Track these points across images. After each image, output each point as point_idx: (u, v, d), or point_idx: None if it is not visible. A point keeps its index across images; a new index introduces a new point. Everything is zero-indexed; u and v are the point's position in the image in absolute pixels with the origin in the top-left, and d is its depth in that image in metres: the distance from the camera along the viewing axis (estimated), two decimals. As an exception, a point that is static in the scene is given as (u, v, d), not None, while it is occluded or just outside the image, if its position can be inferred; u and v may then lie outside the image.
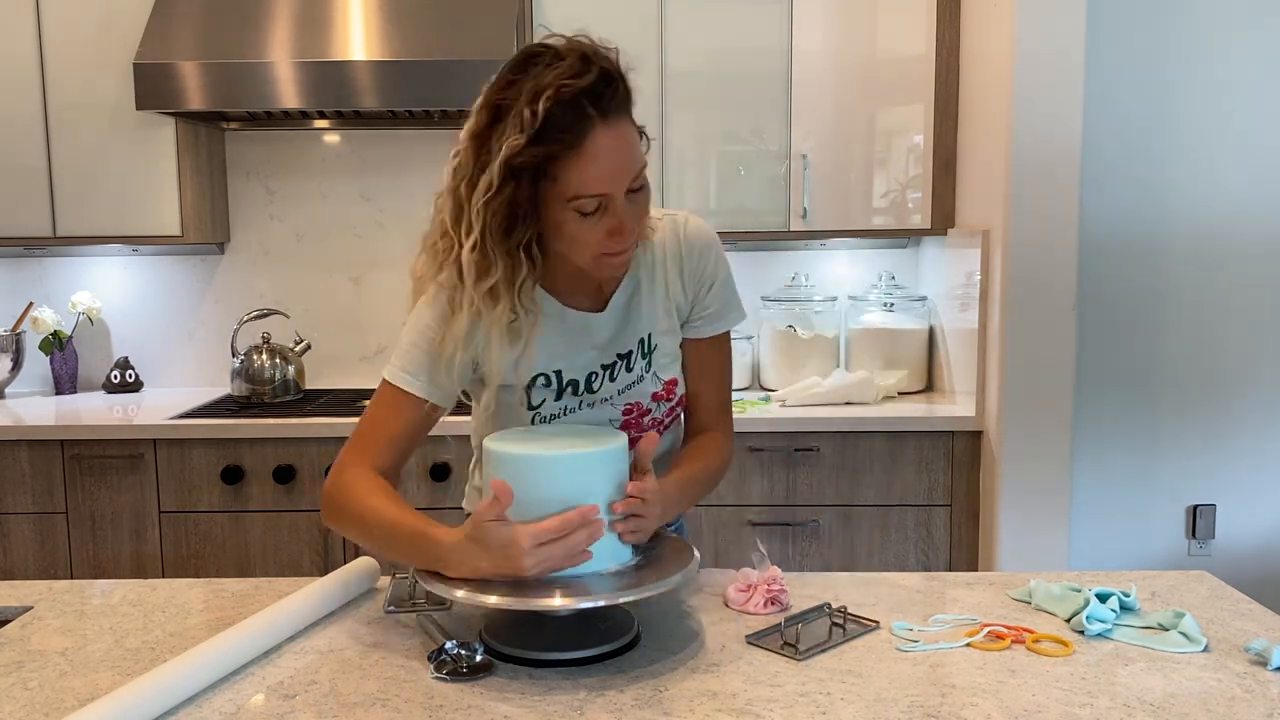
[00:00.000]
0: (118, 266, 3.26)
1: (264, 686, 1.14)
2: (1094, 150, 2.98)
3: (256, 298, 3.24)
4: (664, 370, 1.40)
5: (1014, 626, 1.27)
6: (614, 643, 1.21)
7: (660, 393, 1.40)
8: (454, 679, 1.14)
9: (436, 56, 2.66)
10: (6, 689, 1.14)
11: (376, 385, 1.39)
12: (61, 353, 3.19)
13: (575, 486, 1.17)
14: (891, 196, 2.95)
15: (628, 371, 1.38)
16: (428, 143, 3.20)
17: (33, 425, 2.72)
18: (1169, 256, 3.11)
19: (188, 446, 2.69)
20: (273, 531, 2.71)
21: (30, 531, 2.72)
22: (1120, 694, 1.10)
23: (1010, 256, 2.57)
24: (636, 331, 1.38)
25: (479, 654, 1.17)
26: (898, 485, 2.72)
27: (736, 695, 1.10)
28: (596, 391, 1.37)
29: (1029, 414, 2.60)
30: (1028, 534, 2.62)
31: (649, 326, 1.38)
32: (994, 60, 2.64)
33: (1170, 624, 1.26)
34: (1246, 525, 3.19)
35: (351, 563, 1.43)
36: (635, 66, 1.27)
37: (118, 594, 1.43)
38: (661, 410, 1.41)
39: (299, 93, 2.66)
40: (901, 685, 1.12)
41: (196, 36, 2.73)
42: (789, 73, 2.88)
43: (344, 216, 3.24)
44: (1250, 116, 3.07)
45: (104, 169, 2.91)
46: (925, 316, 3.10)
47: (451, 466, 2.69)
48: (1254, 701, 1.08)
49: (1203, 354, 3.14)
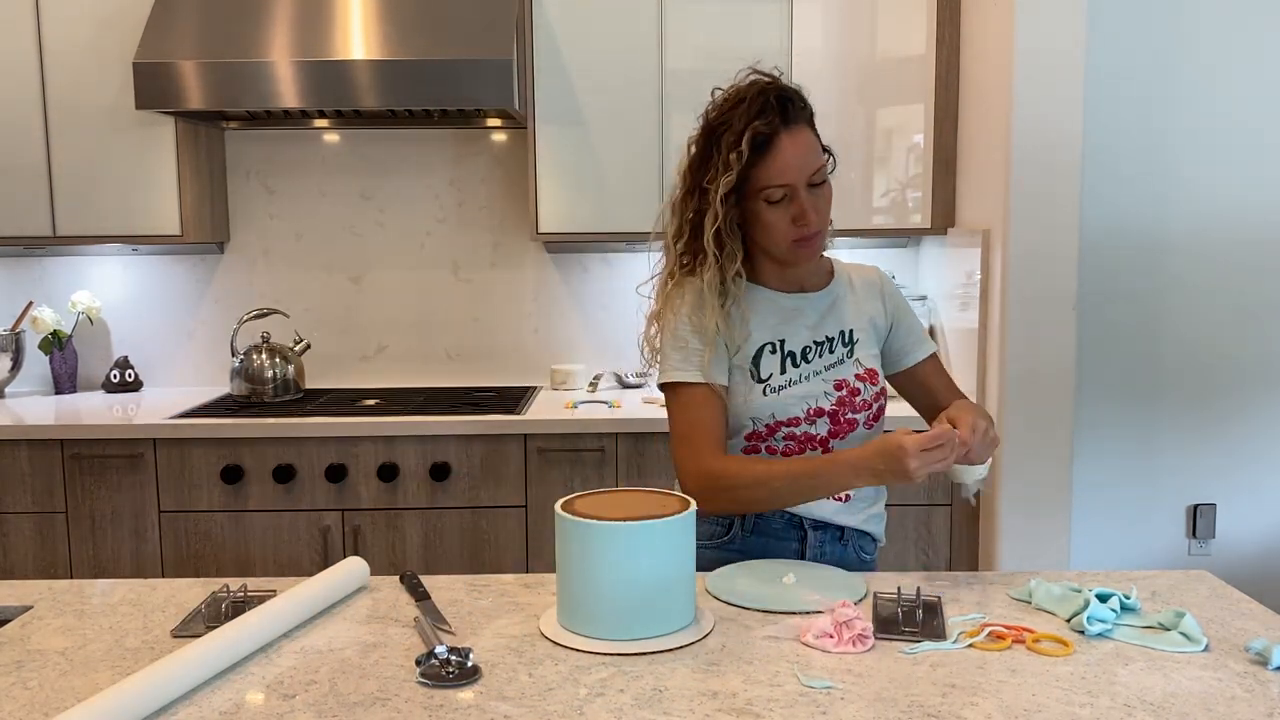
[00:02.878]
0: (117, 266, 3.26)
1: (263, 686, 1.14)
2: (1094, 150, 2.98)
3: (256, 297, 3.24)
4: (865, 360, 1.63)
5: (1014, 626, 1.27)
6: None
7: (863, 374, 1.62)
8: (437, 684, 1.13)
9: (436, 56, 2.65)
10: (6, 689, 1.14)
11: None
12: (61, 352, 3.19)
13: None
14: (891, 196, 2.95)
15: (831, 353, 1.61)
16: (428, 143, 3.20)
17: (32, 425, 2.72)
18: (1169, 256, 3.11)
19: (187, 446, 2.69)
20: (272, 531, 2.71)
21: (30, 531, 2.72)
22: (1120, 694, 1.10)
23: (1010, 256, 2.57)
24: (839, 324, 1.63)
25: (469, 660, 1.16)
26: (897, 484, 2.71)
27: (736, 695, 1.10)
28: (811, 363, 1.60)
29: (1029, 414, 2.59)
30: (1028, 534, 2.62)
31: (850, 323, 1.64)
32: (994, 60, 2.64)
33: (1170, 624, 1.26)
34: (1246, 525, 3.19)
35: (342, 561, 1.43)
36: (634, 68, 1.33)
37: (118, 594, 1.43)
38: (869, 393, 1.62)
39: (299, 92, 2.66)
40: (901, 685, 1.12)
41: (196, 36, 2.73)
42: (789, 73, 2.88)
43: (344, 216, 3.24)
44: (1250, 116, 3.07)
45: (104, 169, 2.91)
46: (925, 316, 3.09)
47: (451, 466, 2.69)
48: (1254, 701, 1.08)
49: (1203, 354, 3.14)
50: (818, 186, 1.53)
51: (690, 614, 1.28)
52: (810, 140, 1.53)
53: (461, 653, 1.16)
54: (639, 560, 1.22)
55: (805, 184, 1.51)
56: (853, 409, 1.60)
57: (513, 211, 3.23)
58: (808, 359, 1.60)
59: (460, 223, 3.24)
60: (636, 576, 1.22)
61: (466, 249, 3.25)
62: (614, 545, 1.22)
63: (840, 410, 1.59)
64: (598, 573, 1.22)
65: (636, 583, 1.22)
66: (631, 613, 1.22)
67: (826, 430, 1.58)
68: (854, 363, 1.62)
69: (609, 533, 1.22)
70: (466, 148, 3.21)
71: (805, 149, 1.51)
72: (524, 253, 3.24)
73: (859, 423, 1.61)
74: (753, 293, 1.60)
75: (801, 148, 1.50)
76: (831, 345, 1.61)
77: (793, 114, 1.50)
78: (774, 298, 1.61)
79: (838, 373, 1.60)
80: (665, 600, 1.24)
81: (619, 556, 1.22)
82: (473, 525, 2.71)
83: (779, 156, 1.49)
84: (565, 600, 1.26)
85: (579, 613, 1.24)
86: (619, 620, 1.22)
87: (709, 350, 1.54)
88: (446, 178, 3.22)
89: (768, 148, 1.48)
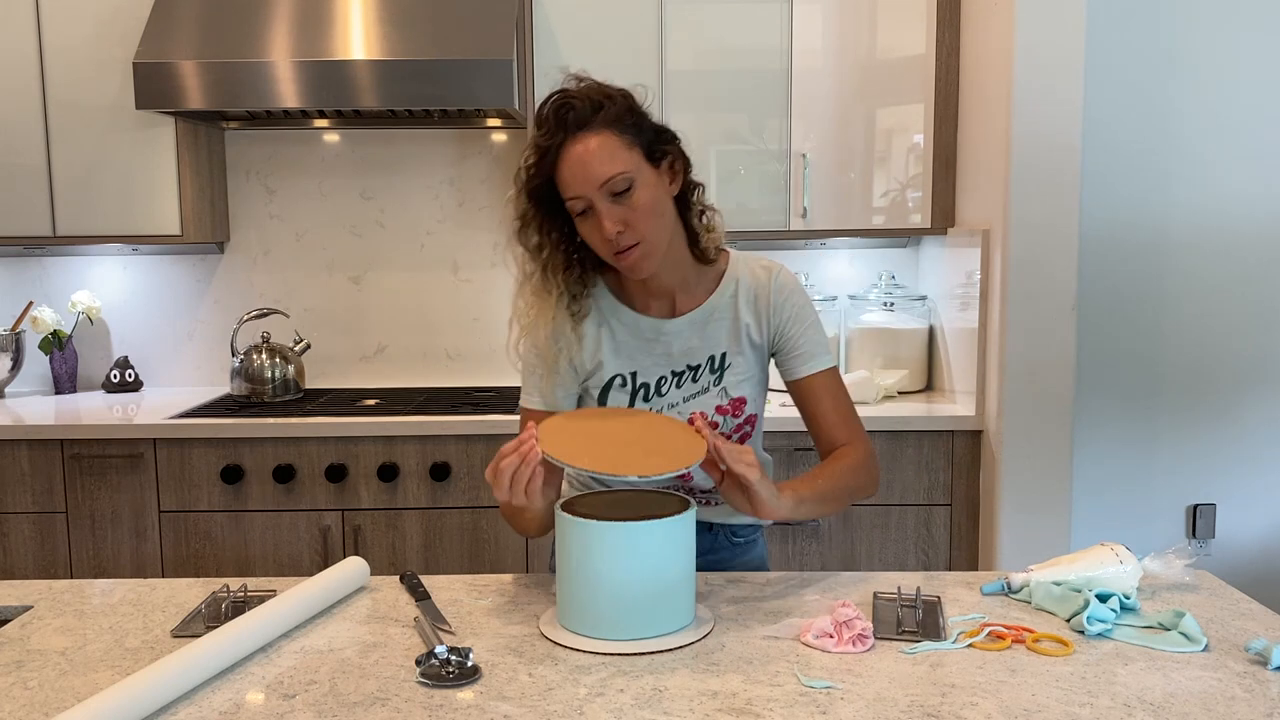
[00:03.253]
0: (117, 266, 3.26)
1: (264, 686, 1.14)
2: (1094, 150, 2.98)
3: (256, 297, 3.24)
4: (734, 388, 1.52)
5: (1014, 626, 1.27)
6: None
7: (725, 407, 1.51)
8: (437, 684, 1.13)
9: (436, 56, 2.65)
10: (6, 688, 1.14)
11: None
12: (61, 352, 3.19)
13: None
14: (891, 196, 2.95)
15: (694, 382, 1.51)
16: (428, 143, 3.20)
17: (32, 425, 2.72)
18: (1169, 256, 3.11)
19: (187, 446, 2.69)
20: (272, 531, 2.71)
21: (30, 531, 2.72)
22: (1120, 694, 1.10)
23: (1010, 256, 2.57)
24: (709, 348, 1.52)
25: (469, 660, 1.16)
26: (898, 485, 2.72)
27: (736, 695, 1.10)
28: (666, 395, 1.51)
29: (1029, 414, 2.60)
30: (1028, 533, 2.62)
31: (725, 345, 1.52)
32: (994, 60, 2.64)
33: (1170, 624, 1.26)
34: (1246, 525, 3.19)
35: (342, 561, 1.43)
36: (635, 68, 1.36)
37: (118, 594, 1.43)
38: (728, 426, 1.52)
39: (299, 92, 2.66)
40: (901, 685, 1.12)
41: (196, 36, 2.73)
42: (789, 72, 2.88)
43: (344, 216, 3.24)
44: (1250, 116, 3.07)
45: (104, 168, 2.91)
46: (925, 316, 3.10)
47: (451, 466, 2.69)
48: (1254, 701, 1.08)
49: (1203, 354, 3.14)
50: (622, 195, 1.37)
51: (690, 614, 1.28)
52: (602, 146, 1.36)
53: (461, 653, 1.16)
54: (638, 560, 1.22)
55: (604, 194, 1.36)
56: None
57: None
58: (661, 392, 1.51)
59: (460, 223, 3.24)
60: (636, 576, 1.22)
61: (466, 249, 3.25)
62: (614, 545, 1.22)
63: None
64: (598, 573, 1.23)
65: (636, 583, 1.22)
66: (631, 612, 1.23)
67: None
68: (719, 392, 1.51)
69: (609, 533, 1.22)
70: (466, 148, 3.21)
71: (590, 157, 1.36)
72: (524, 253, 3.23)
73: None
74: (617, 314, 1.51)
75: (584, 156, 1.36)
76: (696, 373, 1.51)
77: (574, 121, 1.37)
78: (634, 321, 1.51)
79: (697, 404, 1.50)
80: (665, 600, 1.24)
81: (618, 556, 1.22)
82: (473, 525, 2.71)
83: (562, 168, 1.37)
84: (565, 600, 1.27)
85: (578, 613, 1.25)
86: (618, 620, 1.23)
87: (549, 375, 1.49)
88: (446, 178, 3.22)
89: (555, 159, 1.38)
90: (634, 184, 1.38)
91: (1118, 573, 1.36)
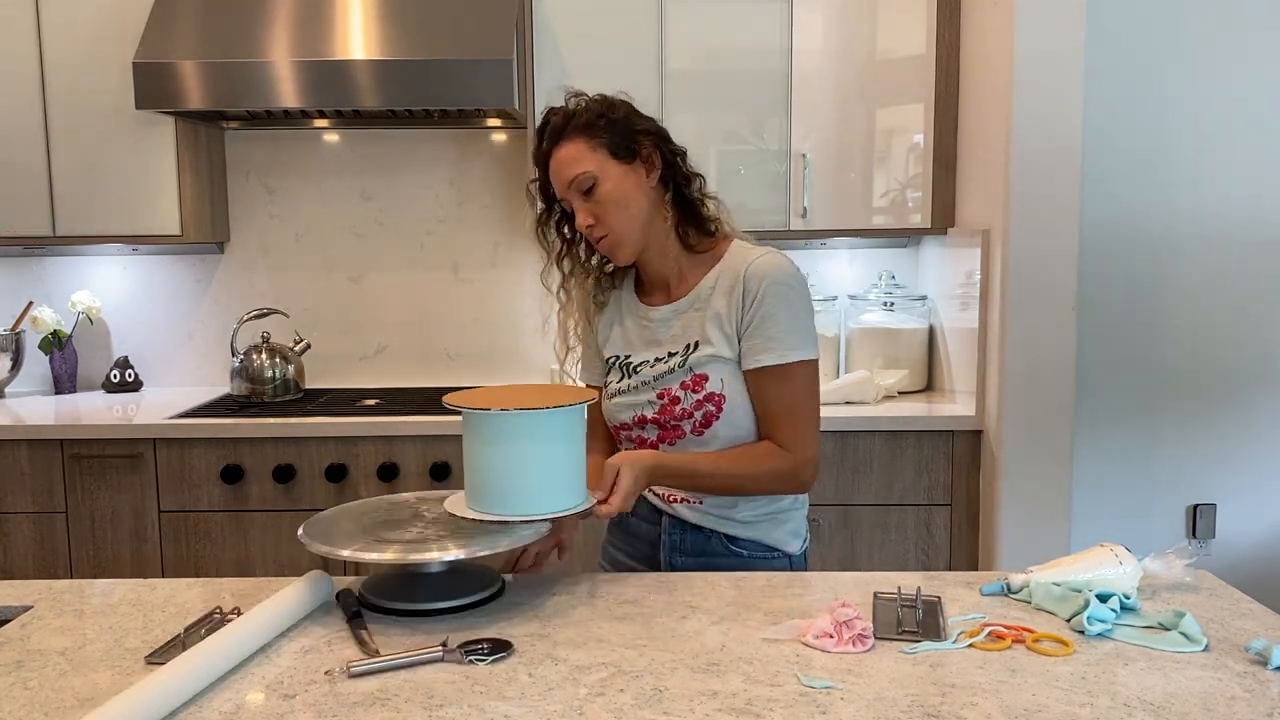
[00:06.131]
0: (117, 266, 3.26)
1: (263, 686, 1.14)
2: (1094, 150, 2.98)
3: (256, 297, 3.24)
4: (699, 365, 1.58)
5: (1014, 626, 1.27)
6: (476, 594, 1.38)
7: (687, 382, 1.58)
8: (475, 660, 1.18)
9: (436, 56, 2.65)
10: (6, 689, 1.14)
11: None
12: (61, 352, 3.19)
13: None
14: (891, 196, 2.95)
15: (666, 362, 1.61)
16: (428, 143, 3.20)
17: (32, 425, 2.72)
18: (1169, 256, 3.11)
19: (187, 446, 2.69)
20: (272, 531, 2.71)
21: (30, 531, 2.72)
22: (1120, 693, 1.10)
23: (1010, 256, 2.57)
24: (688, 335, 1.60)
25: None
26: (898, 485, 2.72)
27: (736, 695, 1.10)
28: (641, 373, 1.63)
29: (1029, 414, 2.60)
30: (1028, 534, 2.62)
31: (697, 334, 1.59)
32: (994, 60, 2.64)
33: (1170, 624, 1.26)
34: (1246, 525, 3.19)
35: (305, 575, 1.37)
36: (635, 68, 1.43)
37: (118, 594, 1.43)
38: (689, 400, 1.58)
39: (299, 92, 2.66)
40: (901, 685, 1.12)
41: (196, 36, 2.73)
42: (789, 72, 2.88)
43: (344, 216, 3.24)
44: (1250, 116, 3.07)
45: (104, 168, 2.91)
46: (925, 316, 3.10)
47: (451, 466, 2.69)
48: (1254, 701, 1.08)
49: (1203, 354, 3.14)
50: (590, 192, 1.55)
51: (581, 495, 1.41)
52: (570, 152, 1.55)
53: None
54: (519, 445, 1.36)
55: (575, 192, 1.56)
56: (673, 416, 1.59)
57: (513, 211, 3.23)
58: (638, 371, 1.65)
59: (460, 223, 3.24)
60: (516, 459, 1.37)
61: (466, 249, 3.25)
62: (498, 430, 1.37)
63: (662, 418, 1.60)
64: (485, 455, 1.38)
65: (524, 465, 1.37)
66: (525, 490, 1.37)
67: (655, 435, 1.62)
68: (684, 370, 1.58)
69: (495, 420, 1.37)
70: (466, 148, 3.21)
71: (559, 164, 1.56)
72: (524, 253, 3.23)
73: (685, 430, 1.59)
74: (627, 303, 1.70)
75: (557, 163, 1.57)
76: (670, 356, 1.61)
77: (550, 133, 1.58)
78: (635, 309, 1.69)
79: (665, 382, 1.60)
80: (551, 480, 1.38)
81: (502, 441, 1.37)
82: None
83: (549, 176, 1.59)
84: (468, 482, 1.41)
85: (477, 492, 1.39)
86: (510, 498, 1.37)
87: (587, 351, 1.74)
88: (446, 178, 3.22)
89: (544, 169, 1.60)
90: (598, 181, 1.54)
91: (1118, 573, 1.36)
